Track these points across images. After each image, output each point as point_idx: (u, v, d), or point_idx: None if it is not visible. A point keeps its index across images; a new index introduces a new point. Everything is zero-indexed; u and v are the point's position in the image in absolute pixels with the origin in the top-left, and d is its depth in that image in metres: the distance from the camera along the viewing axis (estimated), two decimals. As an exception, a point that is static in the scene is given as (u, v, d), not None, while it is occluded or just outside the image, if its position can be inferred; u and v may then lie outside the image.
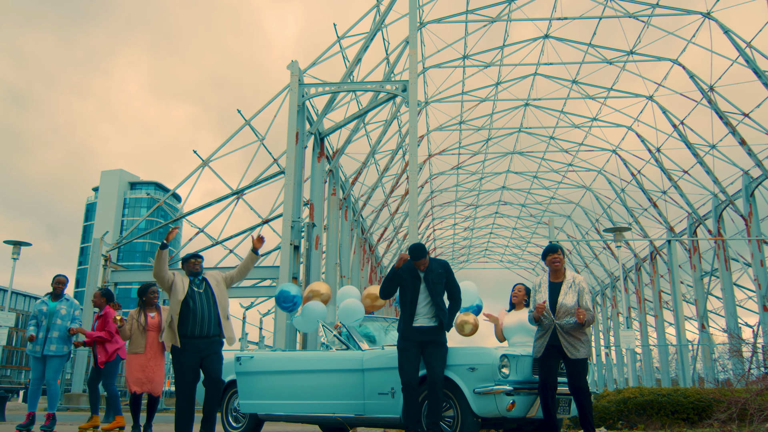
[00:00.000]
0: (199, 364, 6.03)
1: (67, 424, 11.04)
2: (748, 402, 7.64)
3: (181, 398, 5.95)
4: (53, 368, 8.14)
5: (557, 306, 5.91)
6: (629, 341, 19.73)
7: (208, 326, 6.08)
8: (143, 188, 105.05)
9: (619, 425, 8.92)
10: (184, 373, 5.97)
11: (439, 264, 6.23)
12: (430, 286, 6.08)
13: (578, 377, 5.82)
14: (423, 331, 5.97)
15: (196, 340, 6.01)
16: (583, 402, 5.76)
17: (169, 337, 6.08)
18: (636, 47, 26.66)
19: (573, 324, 5.85)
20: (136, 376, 7.30)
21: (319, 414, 6.98)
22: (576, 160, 36.41)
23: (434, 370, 5.83)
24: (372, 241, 35.45)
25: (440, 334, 6.01)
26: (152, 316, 7.51)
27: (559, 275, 6.10)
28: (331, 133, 22.51)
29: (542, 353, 5.87)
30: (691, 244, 29.61)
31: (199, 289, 6.17)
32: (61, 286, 8.33)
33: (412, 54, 19.39)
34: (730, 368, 13.15)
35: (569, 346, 5.78)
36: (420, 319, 6.03)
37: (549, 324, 5.89)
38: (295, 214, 18.45)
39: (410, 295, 6.11)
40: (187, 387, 5.95)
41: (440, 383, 5.81)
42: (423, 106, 31.44)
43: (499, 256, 55.12)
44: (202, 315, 6.06)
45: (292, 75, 19.51)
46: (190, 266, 6.31)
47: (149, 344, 7.40)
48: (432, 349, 5.90)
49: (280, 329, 16.83)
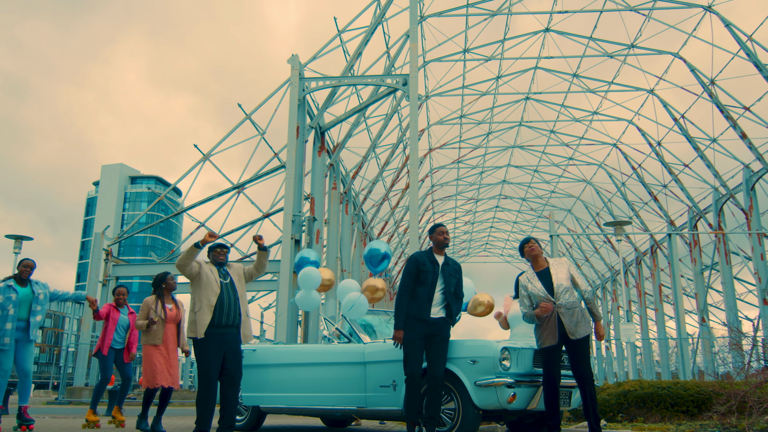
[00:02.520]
0: (222, 355, 5.96)
1: (69, 418, 11.11)
2: (747, 394, 7.68)
3: (203, 389, 5.87)
4: (31, 356, 7.75)
5: (555, 287, 5.92)
6: (629, 335, 19.81)
7: (233, 316, 6.06)
8: (144, 182, 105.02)
9: (619, 418, 8.96)
10: (209, 362, 5.88)
11: (454, 261, 6.38)
12: (446, 278, 6.13)
13: (583, 363, 5.81)
14: (432, 322, 5.97)
15: (222, 329, 5.96)
16: (588, 390, 5.76)
17: (192, 328, 5.96)
18: (637, 41, 26.62)
19: (572, 302, 5.88)
20: (161, 369, 7.27)
21: (321, 407, 7.03)
22: (576, 153, 36.42)
23: (436, 366, 5.85)
24: (373, 235, 35.47)
25: (447, 327, 6.04)
26: (170, 308, 7.43)
27: (541, 262, 6.15)
28: (331, 127, 22.51)
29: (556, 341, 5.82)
30: (692, 238, 29.63)
31: (225, 280, 6.15)
32: (28, 270, 7.73)
33: (412, 48, 19.37)
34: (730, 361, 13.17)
35: (572, 326, 5.79)
36: (433, 309, 6.03)
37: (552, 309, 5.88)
38: (296, 208, 18.47)
39: (431, 281, 6.07)
40: (210, 379, 5.88)
41: (441, 379, 5.84)
42: (423, 100, 31.42)
43: (499, 250, 55.16)
44: (228, 305, 6.04)
45: (292, 69, 19.50)
46: (215, 256, 6.25)
47: (167, 336, 7.35)
48: (437, 344, 5.91)
49: (282, 322, 16.88)
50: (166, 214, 38.70)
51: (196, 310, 5.99)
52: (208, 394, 5.88)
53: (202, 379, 5.90)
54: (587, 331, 5.83)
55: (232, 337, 6.06)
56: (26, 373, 7.64)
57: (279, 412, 7.57)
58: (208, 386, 5.89)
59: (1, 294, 7.56)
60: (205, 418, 5.85)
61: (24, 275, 7.71)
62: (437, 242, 6.31)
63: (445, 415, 6.05)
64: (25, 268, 7.74)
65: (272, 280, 24.51)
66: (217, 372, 5.95)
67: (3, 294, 7.56)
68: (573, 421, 9.15)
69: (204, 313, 5.95)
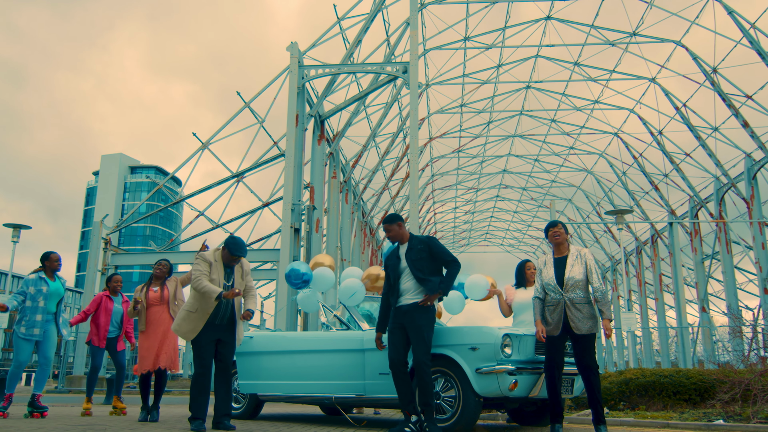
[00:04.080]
0: (216, 342, 5.96)
1: (68, 406, 11.06)
2: (751, 383, 7.61)
3: (197, 376, 5.86)
4: (54, 345, 7.81)
5: (564, 280, 5.80)
6: (630, 324, 19.71)
7: (226, 316, 6.02)
8: (143, 172, 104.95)
9: (621, 406, 8.90)
10: (202, 348, 5.89)
11: (419, 240, 6.03)
12: (411, 263, 5.91)
13: (587, 354, 5.71)
14: (404, 311, 5.81)
15: (215, 326, 5.96)
16: (593, 381, 5.66)
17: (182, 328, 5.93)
18: (639, 29, 26.43)
19: (582, 297, 5.76)
20: (145, 355, 7.10)
21: (320, 394, 6.95)
22: (577, 143, 36.29)
23: (415, 351, 5.68)
24: (373, 224, 35.40)
25: (416, 314, 5.76)
26: (155, 290, 7.23)
27: (563, 249, 6.00)
28: (331, 116, 22.38)
29: (558, 333, 5.73)
30: (693, 227, 29.55)
31: (227, 282, 6.07)
32: (58, 264, 7.81)
33: (412, 35, 19.21)
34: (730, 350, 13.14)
35: (577, 321, 5.68)
36: (403, 298, 5.87)
37: (558, 299, 5.77)
38: (296, 197, 18.38)
39: (393, 276, 6.00)
40: (204, 365, 5.87)
41: (423, 365, 5.62)
42: (424, 89, 31.24)
43: (500, 239, 55.11)
44: (226, 308, 6.00)
45: (291, 57, 19.35)
46: (231, 260, 6.11)
47: (157, 319, 7.14)
48: (410, 331, 5.74)
49: (282, 310, 16.82)
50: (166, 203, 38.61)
51: (192, 311, 5.91)
52: (201, 381, 5.85)
53: (196, 366, 5.90)
54: (593, 329, 5.70)
55: (225, 329, 6.03)
56: (48, 360, 7.71)
57: (277, 400, 7.49)
58: (202, 373, 5.87)
59: (33, 285, 7.59)
60: (200, 405, 5.79)
61: (56, 269, 7.77)
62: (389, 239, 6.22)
63: (446, 402, 5.97)
64: (56, 262, 7.79)
65: (272, 269, 24.47)
66: (210, 358, 5.93)
67: (35, 285, 7.59)
68: (575, 408, 9.09)
69: (199, 318, 5.89)
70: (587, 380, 5.69)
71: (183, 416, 7.73)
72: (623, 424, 7.45)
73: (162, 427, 6.09)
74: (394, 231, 6.08)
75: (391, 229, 6.07)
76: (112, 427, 6.05)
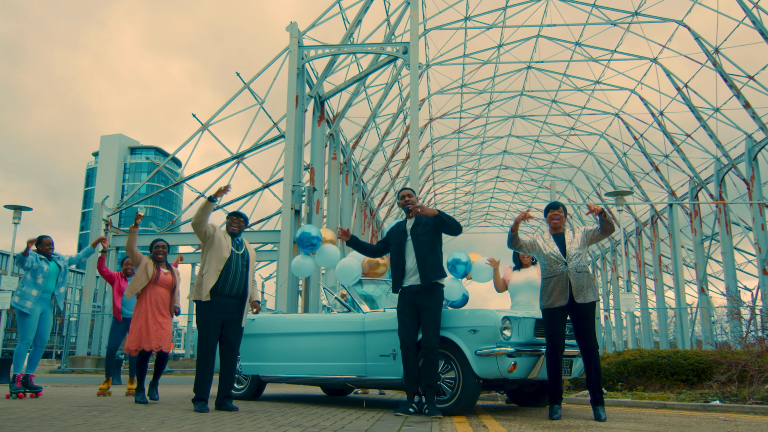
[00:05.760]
0: (222, 324, 5.96)
1: (72, 386, 11.17)
2: (748, 364, 7.69)
3: (202, 356, 5.85)
4: (51, 326, 8.08)
5: (567, 250, 5.87)
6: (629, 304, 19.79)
7: (237, 287, 6.05)
8: (143, 153, 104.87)
9: (619, 386, 9.00)
10: (208, 329, 5.88)
11: (425, 217, 6.07)
12: (416, 240, 5.98)
13: (589, 335, 5.75)
14: (414, 291, 5.89)
15: (225, 298, 5.96)
16: (593, 363, 5.72)
17: (198, 291, 5.91)
18: (641, 8, 26.23)
19: (583, 266, 5.83)
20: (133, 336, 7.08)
21: (321, 376, 7.03)
22: (578, 123, 36.18)
23: (427, 336, 5.76)
24: (373, 205, 35.42)
25: (430, 297, 5.87)
26: (165, 272, 7.18)
27: (559, 228, 6.09)
28: (331, 97, 22.30)
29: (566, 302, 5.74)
30: (693, 208, 29.57)
31: (238, 251, 6.12)
32: (50, 248, 8.09)
33: (413, 15, 19.08)
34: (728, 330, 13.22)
35: (581, 290, 5.73)
36: (411, 277, 5.94)
37: (563, 269, 5.81)
38: (296, 178, 18.38)
39: (396, 251, 6.08)
40: (209, 345, 5.86)
41: (433, 349, 5.74)
42: (424, 69, 31.08)
43: (500, 220, 55.15)
44: (235, 274, 6.02)
45: (291, 37, 19.24)
46: (229, 224, 6.24)
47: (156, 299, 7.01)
48: (424, 312, 5.82)
49: (282, 292, 16.91)
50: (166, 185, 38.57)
51: (203, 273, 5.97)
52: (206, 361, 5.86)
53: (201, 346, 5.89)
54: (594, 298, 5.78)
55: (234, 307, 6.05)
56: (44, 342, 7.99)
57: (279, 381, 7.58)
58: (207, 353, 5.88)
59: (35, 261, 7.95)
60: (204, 386, 5.82)
61: (48, 253, 8.08)
62: (401, 207, 6.27)
63: (446, 384, 6.04)
64: (48, 246, 8.12)
65: (273, 250, 24.54)
66: (215, 339, 5.94)
67: (37, 262, 7.95)
68: (573, 389, 9.18)
69: (210, 276, 5.92)
70: (588, 362, 5.75)
71: (185, 396, 7.82)
72: (621, 404, 7.54)
73: (166, 408, 6.17)
74: (414, 198, 6.24)
75: (412, 195, 6.24)
76: (116, 408, 6.13)
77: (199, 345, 5.91)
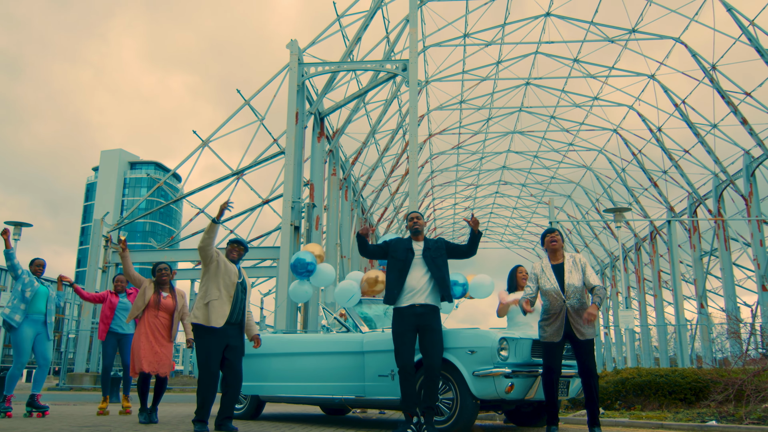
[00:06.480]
0: (224, 349, 5.94)
1: (70, 405, 11.16)
2: (744, 383, 7.71)
3: (204, 379, 5.83)
4: (51, 346, 8.05)
5: (565, 287, 5.87)
6: (628, 321, 19.86)
7: (237, 315, 6.06)
8: (143, 168, 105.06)
9: (617, 405, 9.00)
10: (210, 355, 5.84)
11: (432, 241, 6.19)
12: (430, 262, 6.00)
13: (588, 358, 5.79)
14: (418, 312, 5.87)
15: (227, 326, 5.95)
16: (592, 385, 5.75)
17: (204, 317, 5.87)
18: (638, 25, 26.45)
19: (582, 303, 5.83)
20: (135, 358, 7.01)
21: (320, 395, 7.05)
22: (577, 139, 36.33)
23: (431, 357, 5.75)
24: (372, 221, 35.47)
25: (435, 318, 5.92)
26: (165, 296, 7.18)
27: (558, 256, 6.08)
28: (331, 113, 22.43)
29: (559, 339, 5.78)
30: (691, 224, 29.64)
31: (238, 279, 6.14)
32: (41, 269, 8.07)
33: (412, 32, 19.25)
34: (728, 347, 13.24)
35: (579, 327, 5.75)
36: (416, 297, 5.90)
37: (560, 306, 5.82)
38: (296, 194, 18.46)
39: (400, 267, 6.01)
40: (211, 371, 5.83)
41: (437, 370, 5.76)
42: (423, 86, 31.27)
43: (499, 235, 55.21)
44: (235, 302, 6.03)
45: (291, 54, 19.40)
46: (232, 251, 6.25)
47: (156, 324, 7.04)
48: (428, 333, 5.81)
49: (282, 310, 16.92)
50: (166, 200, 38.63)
51: (213, 299, 5.90)
52: (208, 384, 5.84)
53: (203, 373, 5.86)
54: (593, 335, 5.81)
55: (235, 331, 6.08)
56: (47, 361, 7.98)
57: (278, 401, 7.60)
58: (210, 382, 5.85)
59: (27, 275, 7.93)
60: (205, 408, 5.83)
61: (38, 274, 8.05)
62: (409, 229, 6.32)
63: (443, 404, 6.07)
64: (39, 267, 8.10)
65: (272, 266, 24.58)
66: (218, 364, 5.93)
67: (28, 276, 7.93)
68: (571, 408, 9.19)
69: (223, 303, 5.91)
70: (587, 384, 5.77)
71: (185, 416, 7.83)
72: (618, 424, 7.55)
73: (165, 428, 6.18)
74: (422, 222, 6.34)
75: (420, 218, 6.34)
76: (117, 427, 6.15)
77: (201, 372, 5.86)
